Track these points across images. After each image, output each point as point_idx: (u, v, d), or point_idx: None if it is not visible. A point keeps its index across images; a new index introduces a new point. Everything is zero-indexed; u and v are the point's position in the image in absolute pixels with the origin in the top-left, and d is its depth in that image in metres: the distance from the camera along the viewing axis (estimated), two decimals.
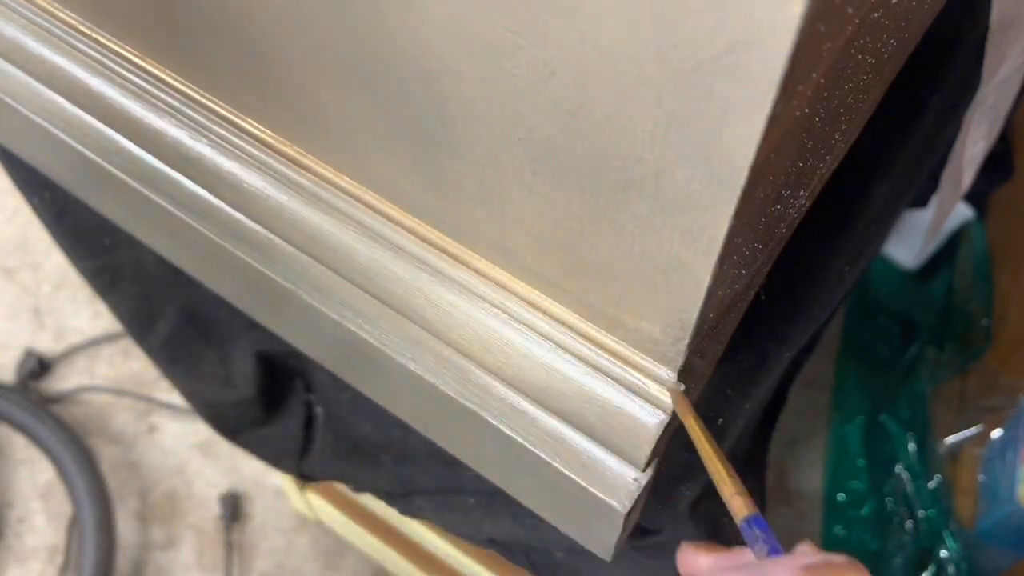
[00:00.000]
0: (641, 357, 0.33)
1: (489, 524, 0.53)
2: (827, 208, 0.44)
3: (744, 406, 0.45)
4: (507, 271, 0.35)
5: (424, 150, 0.30)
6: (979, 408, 0.90)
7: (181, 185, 0.41)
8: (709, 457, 0.30)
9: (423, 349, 0.39)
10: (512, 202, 0.29)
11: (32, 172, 0.58)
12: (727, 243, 0.24)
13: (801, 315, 0.46)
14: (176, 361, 0.61)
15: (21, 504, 1.16)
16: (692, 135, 0.21)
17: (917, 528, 0.95)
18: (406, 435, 0.55)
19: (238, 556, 1.13)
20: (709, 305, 0.28)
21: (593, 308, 0.32)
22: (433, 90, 0.27)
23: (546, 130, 0.25)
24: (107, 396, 1.23)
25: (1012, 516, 0.80)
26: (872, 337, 1.15)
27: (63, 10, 0.40)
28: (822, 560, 0.26)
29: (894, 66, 0.38)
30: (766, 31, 0.18)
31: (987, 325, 0.96)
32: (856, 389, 1.12)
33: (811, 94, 0.28)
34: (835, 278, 0.48)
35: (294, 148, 0.38)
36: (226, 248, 0.43)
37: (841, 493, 1.07)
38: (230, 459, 1.18)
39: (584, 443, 0.36)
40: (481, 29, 0.23)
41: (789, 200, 0.35)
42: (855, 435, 1.09)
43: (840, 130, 0.36)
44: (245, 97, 0.37)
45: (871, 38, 0.34)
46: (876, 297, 1.16)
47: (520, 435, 0.38)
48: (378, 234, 0.36)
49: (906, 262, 1.15)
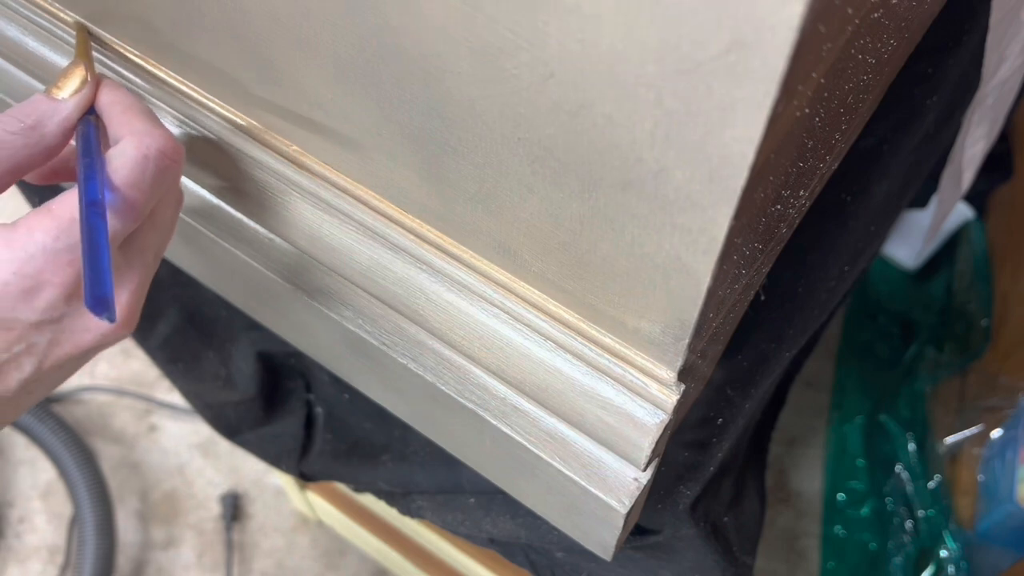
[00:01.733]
0: (641, 357, 0.33)
1: (489, 524, 0.53)
2: (827, 208, 0.44)
3: (744, 406, 0.45)
4: (507, 271, 0.35)
5: (424, 150, 0.30)
6: (979, 408, 0.91)
7: (181, 185, 0.41)
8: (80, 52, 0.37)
9: (423, 349, 0.39)
10: (512, 202, 0.29)
11: None
12: (727, 243, 0.24)
13: (801, 315, 0.46)
14: (176, 361, 0.61)
15: (21, 504, 1.16)
16: (692, 135, 0.21)
17: (917, 528, 0.95)
18: (406, 435, 0.55)
19: (238, 556, 1.13)
20: (709, 305, 0.28)
21: (593, 308, 0.32)
22: (433, 90, 0.27)
23: (546, 130, 0.25)
24: (107, 396, 1.23)
25: (1012, 516, 0.80)
26: (872, 337, 1.15)
27: (63, 10, 0.40)
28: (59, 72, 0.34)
29: (894, 66, 0.38)
30: (766, 31, 0.18)
31: (987, 325, 0.96)
32: (856, 389, 1.12)
33: (811, 94, 0.28)
34: (835, 278, 0.48)
35: (294, 148, 0.38)
36: (226, 248, 0.43)
37: (841, 493, 1.07)
38: (230, 459, 1.18)
39: (584, 443, 0.36)
40: (481, 29, 0.23)
41: (789, 200, 0.35)
42: (855, 435, 1.09)
43: (840, 130, 0.36)
44: (245, 97, 0.37)
45: (871, 38, 0.34)
46: (876, 297, 1.16)
47: (520, 435, 0.38)
48: (378, 234, 0.36)
49: (906, 262, 1.15)
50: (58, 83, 0.34)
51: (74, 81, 0.34)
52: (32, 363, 0.30)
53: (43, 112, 0.33)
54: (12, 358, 0.29)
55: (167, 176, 0.32)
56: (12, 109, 0.33)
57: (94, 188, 0.29)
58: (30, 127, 0.32)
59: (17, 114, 0.32)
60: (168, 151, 0.32)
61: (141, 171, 0.31)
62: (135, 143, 0.31)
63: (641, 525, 0.46)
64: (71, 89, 0.34)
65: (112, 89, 0.34)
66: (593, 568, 0.52)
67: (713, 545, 0.47)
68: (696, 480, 0.45)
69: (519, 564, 0.57)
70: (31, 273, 0.29)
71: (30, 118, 0.32)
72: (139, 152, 0.31)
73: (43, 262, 0.29)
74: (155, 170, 0.31)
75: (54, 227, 0.29)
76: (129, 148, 0.31)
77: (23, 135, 0.32)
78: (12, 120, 0.32)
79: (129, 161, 0.31)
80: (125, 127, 0.32)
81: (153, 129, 0.32)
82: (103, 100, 0.34)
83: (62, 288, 0.29)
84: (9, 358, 0.29)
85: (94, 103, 0.34)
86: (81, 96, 0.34)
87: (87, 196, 0.29)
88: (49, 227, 0.29)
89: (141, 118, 0.32)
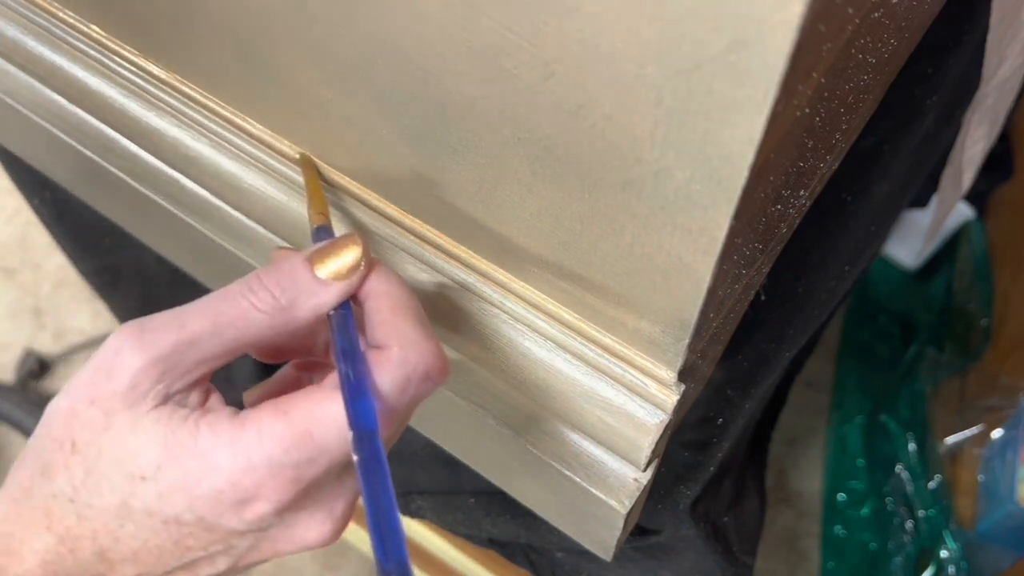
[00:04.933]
0: (641, 357, 0.33)
1: (489, 524, 0.53)
2: (827, 208, 0.44)
3: (744, 406, 0.45)
4: (507, 271, 0.35)
5: (424, 150, 0.30)
6: (979, 408, 0.90)
7: (181, 185, 0.41)
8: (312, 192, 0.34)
9: None
10: (512, 202, 0.29)
11: (32, 172, 0.58)
12: (727, 243, 0.24)
13: (801, 315, 0.46)
14: None
15: None
16: (692, 135, 0.21)
17: (917, 528, 0.95)
18: (406, 435, 0.55)
19: None
20: (709, 305, 0.28)
21: (593, 308, 0.32)
22: (433, 90, 0.27)
23: (546, 130, 0.25)
24: None
25: (1012, 516, 0.80)
26: (872, 337, 1.15)
27: (63, 10, 0.40)
28: (328, 241, 0.29)
29: (894, 66, 0.38)
30: (766, 31, 0.18)
31: (987, 325, 0.96)
32: (856, 389, 1.12)
33: (811, 94, 0.28)
34: (835, 278, 0.48)
35: (294, 148, 0.38)
36: (226, 248, 0.43)
37: (841, 493, 1.07)
38: None
39: (584, 443, 0.36)
40: (481, 29, 0.23)
41: (789, 200, 0.35)
42: (855, 435, 1.09)
43: (840, 130, 0.35)
44: (245, 97, 0.37)
45: (871, 38, 0.34)
46: (876, 297, 1.16)
47: (520, 435, 0.38)
48: (378, 234, 0.37)
49: (906, 262, 1.15)
50: (323, 257, 0.28)
51: (343, 260, 0.28)
52: (227, 562, 0.28)
53: (300, 292, 0.28)
54: (208, 556, 0.27)
55: (426, 395, 0.28)
56: (265, 274, 0.28)
57: (367, 414, 0.25)
58: (282, 308, 0.27)
59: (271, 285, 0.27)
60: (434, 372, 0.27)
61: (401, 391, 0.27)
62: (402, 358, 0.27)
63: (641, 525, 0.46)
64: (336, 269, 0.28)
65: (385, 278, 0.29)
66: (593, 568, 0.52)
67: (713, 545, 0.47)
68: (696, 480, 0.45)
69: (519, 564, 0.57)
70: (249, 487, 0.26)
71: (284, 296, 0.27)
72: (405, 371, 0.27)
73: (265, 475, 0.26)
74: (415, 393, 0.27)
75: (287, 437, 0.26)
76: (395, 362, 0.27)
77: (271, 315, 0.27)
78: (265, 293, 0.27)
79: (391, 379, 0.27)
80: (392, 333, 0.27)
81: (423, 341, 0.27)
82: (372, 288, 0.29)
83: (278, 504, 0.26)
84: (205, 556, 0.27)
85: None
86: (348, 284, 0.28)
87: (360, 422, 0.25)
88: (281, 436, 0.26)
89: (412, 324, 0.28)
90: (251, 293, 0.27)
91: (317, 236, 0.31)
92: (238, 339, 0.27)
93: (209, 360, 0.27)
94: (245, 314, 0.27)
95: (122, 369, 0.26)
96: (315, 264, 0.28)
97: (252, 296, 0.27)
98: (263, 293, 0.27)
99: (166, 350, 0.26)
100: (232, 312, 0.27)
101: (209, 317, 0.27)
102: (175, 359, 0.26)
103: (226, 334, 0.27)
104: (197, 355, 0.27)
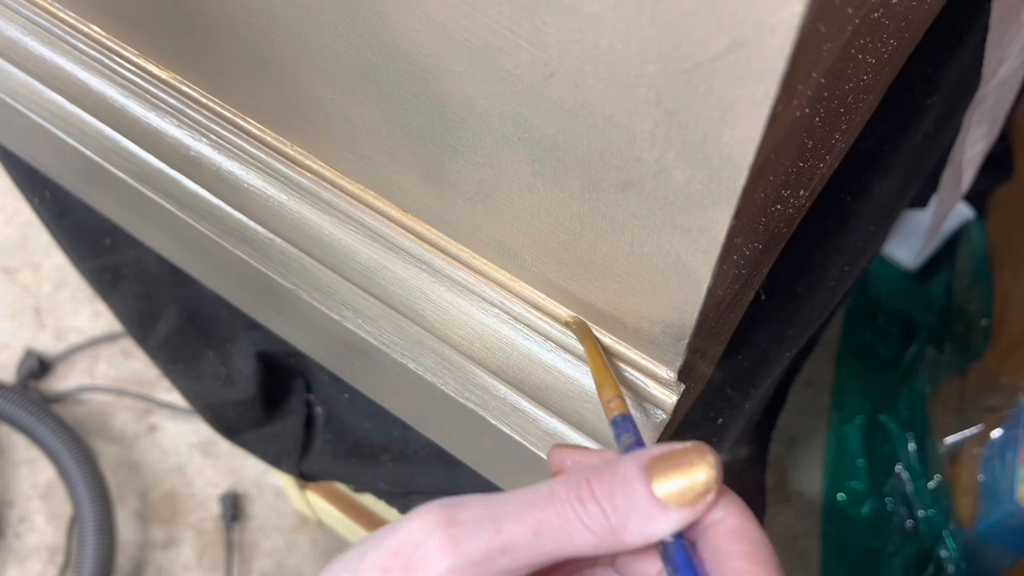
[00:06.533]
0: (641, 357, 0.33)
1: None
2: (827, 208, 0.44)
3: (744, 406, 0.45)
4: (507, 271, 0.35)
5: (424, 150, 0.30)
6: (979, 408, 0.91)
7: (181, 185, 0.41)
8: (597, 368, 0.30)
9: (423, 349, 0.39)
10: (512, 202, 0.29)
11: (32, 172, 0.58)
12: (727, 243, 0.24)
13: (801, 315, 0.46)
14: (176, 361, 0.61)
15: (21, 504, 1.16)
16: (692, 135, 0.21)
17: (917, 528, 0.95)
18: (406, 435, 0.55)
19: (238, 556, 1.13)
20: (709, 305, 0.28)
21: (593, 308, 0.32)
22: (433, 90, 0.27)
23: (546, 130, 0.25)
24: (107, 396, 1.23)
25: (1012, 516, 0.80)
26: (872, 337, 1.15)
27: (63, 10, 0.40)
28: (668, 447, 0.24)
29: (894, 66, 0.38)
30: (766, 31, 0.18)
31: (987, 325, 0.96)
32: (856, 389, 1.12)
33: (811, 94, 0.28)
34: (835, 278, 0.48)
35: (294, 148, 0.38)
36: (226, 248, 0.43)
37: (841, 493, 1.07)
38: (230, 459, 1.18)
39: (585, 443, 0.36)
40: (481, 29, 0.23)
41: (789, 200, 0.35)
42: (855, 435, 1.09)
43: (840, 130, 0.36)
44: (245, 97, 0.37)
45: (871, 38, 0.34)
46: (876, 297, 1.16)
47: (520, 435, 0.38)
48: (378, 234, 0.36)
49: (906, 262, 1.15)
50: (666, 471, 0.23)
51: (691, 481, 0.23)
52: None
53: (633, 513, 0.23)
54: None
55: None
56: (598, 481, 0.23)
57: None
58: (611, 530, 0.23)
59: (603, 498, 0.23)
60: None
61: None
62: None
63: None
64: (680, 491, 0.23)
65: (736, 509, 0.24)
66: None
67: None
68: None
69: None
70: None
71: (615, 516, 0.23)
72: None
73: None
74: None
75: None
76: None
77: (597, 536, 0.23)
78: (596, 508, 0.23)
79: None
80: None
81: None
82: (717, 521, 0.24)
83: None
84: None
85: None
86: (693, 513, 0.23)
87: None
88: None
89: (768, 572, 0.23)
90: (580, 505, 0.23)
91: (618, 428, 0.27)
92: (554, 554, 0.23)
93: (518, 570, 0.23)
94: (570, 529, 0.23)
95: (426, 568, 0.23)
96: (655, 478, 0.23)
97: (581, 509, 0.23)
98: (593, 507, 0.23)
99: (477, 556, 0.23)
100: (556, 523, 0.23)
101: (530, 524, 0.23)
102: (484, 566, 0.23)
103: (545, 547, 0.23)
104: (508, 562, 0.23)
